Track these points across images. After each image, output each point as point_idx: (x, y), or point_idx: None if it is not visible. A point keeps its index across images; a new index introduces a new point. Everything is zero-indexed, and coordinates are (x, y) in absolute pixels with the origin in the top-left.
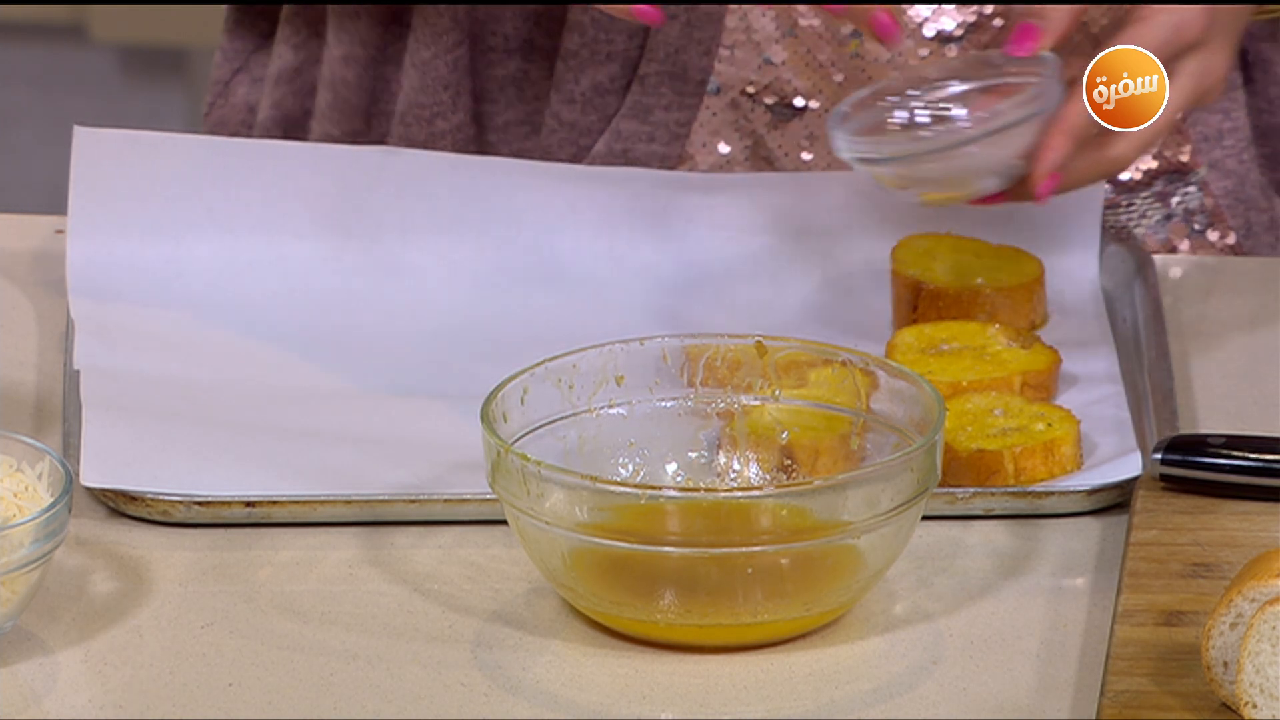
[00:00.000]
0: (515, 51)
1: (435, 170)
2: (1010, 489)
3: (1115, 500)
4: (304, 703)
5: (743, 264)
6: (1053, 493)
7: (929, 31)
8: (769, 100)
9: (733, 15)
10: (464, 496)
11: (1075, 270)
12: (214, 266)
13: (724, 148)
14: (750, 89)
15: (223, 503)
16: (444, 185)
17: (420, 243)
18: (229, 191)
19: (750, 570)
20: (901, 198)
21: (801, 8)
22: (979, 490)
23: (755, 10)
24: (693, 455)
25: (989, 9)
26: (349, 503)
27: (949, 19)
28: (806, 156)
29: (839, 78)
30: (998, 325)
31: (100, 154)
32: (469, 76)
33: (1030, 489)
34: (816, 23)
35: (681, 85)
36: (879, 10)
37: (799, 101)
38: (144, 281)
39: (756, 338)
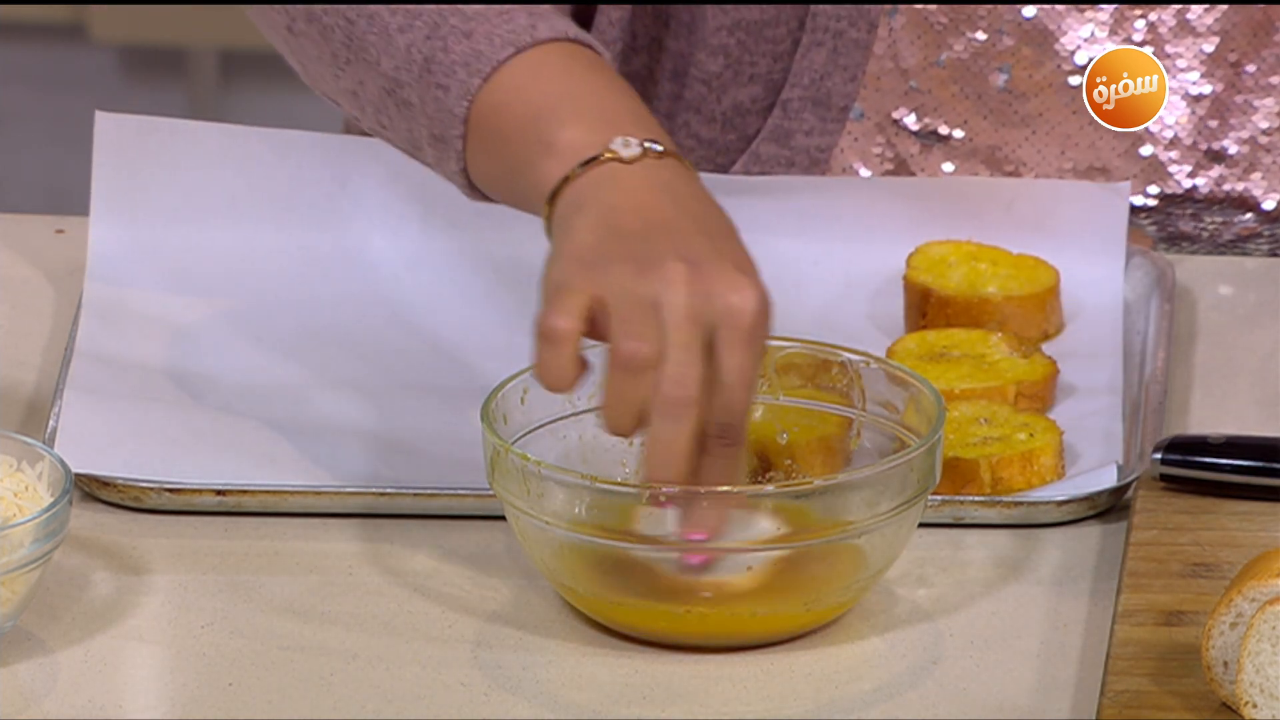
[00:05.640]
0: (638, 49)
1: None
2: (979, 498)
3: (1086, 512)
4: (304, 703)
5: (763, 265)
6: (1022, 503)
7: (1081, 59)
8: (915, 127)
9: (881, 43)
10: (435, 490)
11: (1100, 280)
12: (234, 254)
13: (864, 172)
14: (896, 115)
15: (193, 490)
16: None
17: (440, 237)
18: (251, 180)
19: (750, 570)
20: None
21: (950, 39)
22: (947, 499)
23: (903, 39)
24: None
25: (1139, 34)
26: (319, 493)
27: (1099, 46)
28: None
29: (986, 111)
30: (1000, 334)
31: (122, 140)
32: None
33: (1000, 499)
34: (965, 56)
35: (825, 111)
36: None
37: (944, 129)
38: (163, 268)
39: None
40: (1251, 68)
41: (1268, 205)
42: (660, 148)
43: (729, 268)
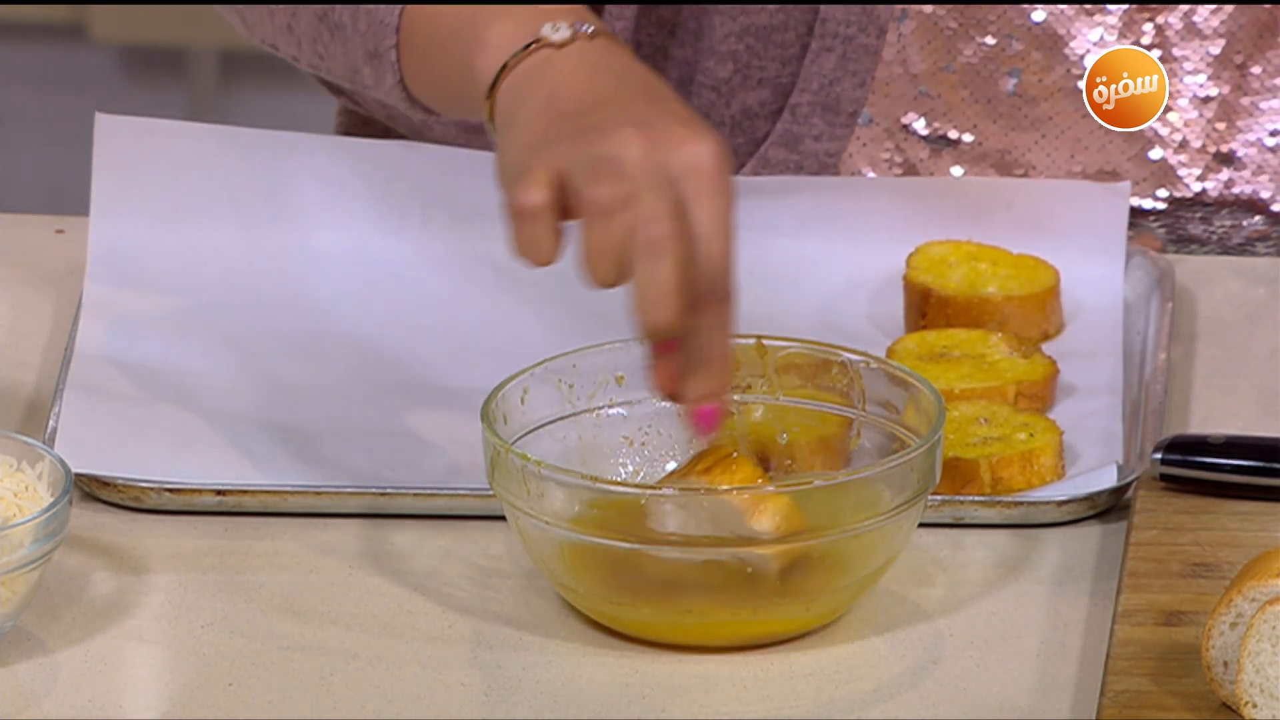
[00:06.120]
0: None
1: (456, 165)
2: (980, 498)
3: (1086, 512)
4: (304, 703)
5: (763, 266)
6: (1023, 503)
7: (1090, 62)
8: (924, 132)
9: (890, 48)
10: (435, 490)
11: (1100, 280)
12: (234, 255)
13: (872, 176)
14: (905, 120)
15: (193, 490)
16: (464, 180)
17: (440, 237)
18: (250, 181)
19: (750, 570)
20: None
21: (959, 44)
22: (948, 499)
23: (912, 44)
24: (693, 455)
25: (1147, 37)
26: (319, 493)
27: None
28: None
29: (996, 116)
30: (1000, 334)
31: (121, 141)
32: None
33: (1000, 499)
34: (975, 60)
35: (834, 116)
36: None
37: (953, 134)
38: (162, 268)
39: (756, 337)
40: (1257, 69)
41: (1277, 207)
42: (590, 28)
43: (678, 123)
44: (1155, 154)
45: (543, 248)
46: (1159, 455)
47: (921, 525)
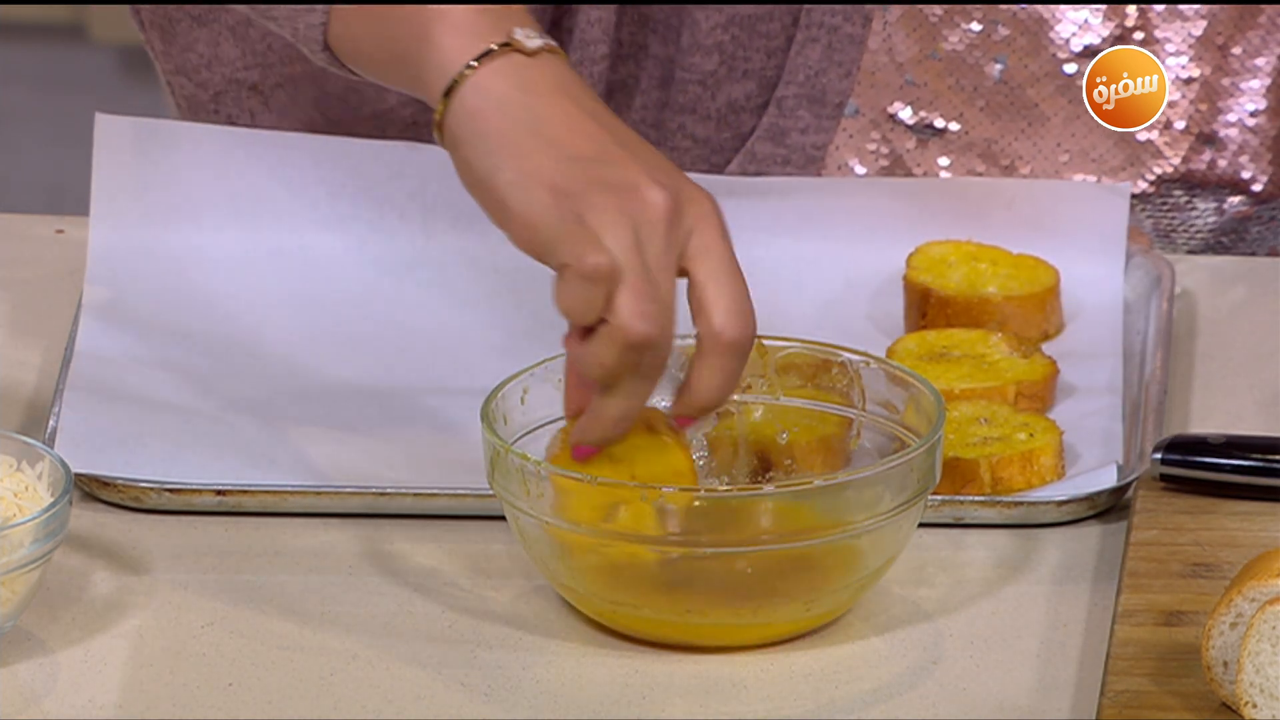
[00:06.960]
0: (624, 57)
1: None
2: (980, 498)
3: (1086, 512)
4: (304, 703)
5: (762, 266)
6: (1022, 503)
7: (1076, 46)
8: (910, 121)
9: (875, 37)
10: (435, 490)
11: (1099, 280)
12: (234, 256)
13: (860, 169)
14: (891, 109)
15: (193, 490)
16: None
17: (441, 238)
18: (252, 181)
19: (750, 570)
20: None
21: (945, 31)
22: (948, 499)
23: (898, 33)
24: (693, 455)
25: (1131, 20)
26: (319, 493)
27: (1094, 34)
28: (945, 176)
29: (982, 103)
30: (1000, 334)
31: (122, 142)
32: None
33: (1000, 499)
34: (960, 47)
35: (820, 108)
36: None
37: (939, 123)
38: (162, 268)
39: (756, 338)
40: (1238, 50)
41: (1257, 187)
42: (554, 43)
43: (684, 181)
44: (1140, 137)
45: (594, 311)
46: (1159, 455)
47: (921, 525)
